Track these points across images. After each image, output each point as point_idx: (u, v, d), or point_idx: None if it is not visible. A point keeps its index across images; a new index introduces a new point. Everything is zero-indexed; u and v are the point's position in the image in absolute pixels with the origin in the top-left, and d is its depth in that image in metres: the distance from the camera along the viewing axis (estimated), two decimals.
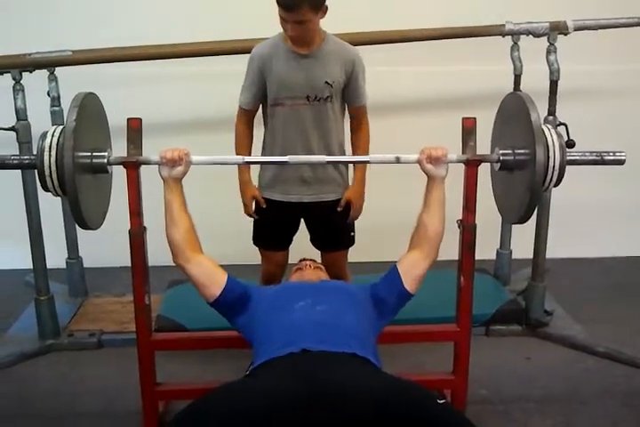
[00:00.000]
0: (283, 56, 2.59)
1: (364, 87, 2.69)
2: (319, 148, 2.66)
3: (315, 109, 2.63)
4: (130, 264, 2.34)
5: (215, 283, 2.23)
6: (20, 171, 2.94)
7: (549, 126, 2.31)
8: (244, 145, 2.73)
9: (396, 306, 2.31)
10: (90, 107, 2.27)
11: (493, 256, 3.70)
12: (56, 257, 3.35)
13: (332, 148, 2.69)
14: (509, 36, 3.16)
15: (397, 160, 2.33)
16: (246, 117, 2.73)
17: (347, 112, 2.76)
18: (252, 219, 2.81)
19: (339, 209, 2.74)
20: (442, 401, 1.74)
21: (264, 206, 2.73)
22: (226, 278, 2.24)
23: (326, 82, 2.59)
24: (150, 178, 2.31)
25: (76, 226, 2.34)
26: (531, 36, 3.11)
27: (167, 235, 2.24)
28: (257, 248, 2.87)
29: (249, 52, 2.69)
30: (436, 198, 2.31)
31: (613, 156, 2.34)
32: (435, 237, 2.31)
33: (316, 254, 2.82)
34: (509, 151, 2.35)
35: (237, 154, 2.68)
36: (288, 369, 1.84)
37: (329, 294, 2.27)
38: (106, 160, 2.29)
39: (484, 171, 2.43)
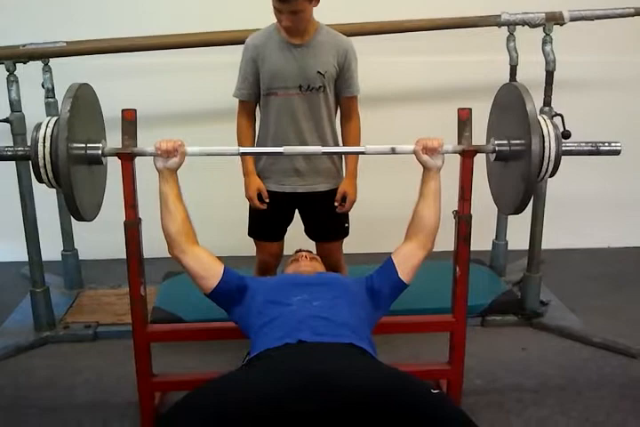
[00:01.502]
0: (276, 46, 2.59)
1: (356, 78, 2.68)
2: (312, 138, 2.66)
3: (307, 99, 2.63)
4: (125, 256, 2.34)
5: (212, 274, 2.23)
6: (14, 163, 2.93)
7: (545, 117, 2.30)
8: (245, 137, 2.72)
9: (391, 296, 2.31)
10: (84, 98, 2.26)
11: (489, 247, 3.71)
12: (51, 249, 3.35)
13: (325, 138, 2.69)
14: (505, 27, 3.15)
15: (393, 151, 2.33)
16: (246, 110, 2.72)
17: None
18: (248, 210, 2.80)
19: (336, 204, 2.73)
20: (436, 391, 1.75)
21: (267, 201, 2.72)
22: (222, 269, 2.24)
23: (318, 72, 2.59)
24: (145, 169, 2.31)
25: (72, 218, 2.33)
26: (527, 26, 3.11)
27: (162, 226, 2.24)
28: (251, 240, 2.87)
29: (244, 42, 2.68)
30: (431, 189, 2.30)
31: (609, 146, 2.34)
32: (430, 228, 2.31)
33: (312, 246, 2.82)
34: (505, 142, 2.34)
35: (240, 146, 2.67)
36: (283, 360, 1.84)
37: (325, 288, 2.26)
38: (100, 151, 2.27)
39: (480, 161, 2.43)
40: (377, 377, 1.75)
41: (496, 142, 2.36)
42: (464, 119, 2.34)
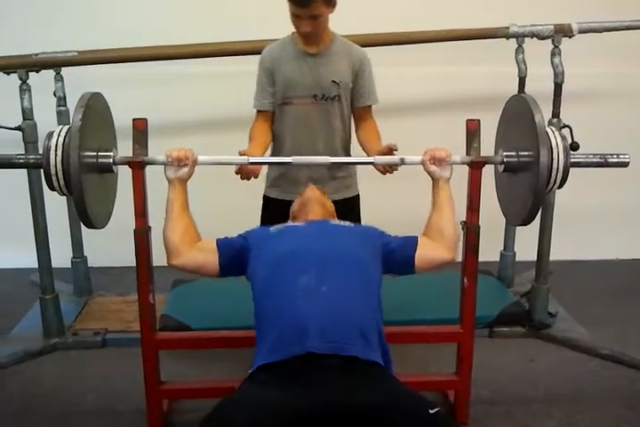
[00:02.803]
0: (291, 56, 2.61)
1: (372, 87, 2.69)
2: (325, 147, 2.66)
3: (322, 109, 2.64)
4: (134, 264, 2.35)
5: (209, 258, 2.19)
6: (26, 170, 2.96)
7: (553, 129, 2.31)
8: (256, 140, 2.62)
9: (394, 266, 2.23)
10: (96, 107, 2.28)
11: (497, 258, 3.70)
12: (61, 256, 3.37)
13: (335, 147, 2.69)
14: (514, 39, 3.16)
15: (402, 162, 2.35)
16: (264, 118, 2.69)
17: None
18: (258, 217, 2.81)
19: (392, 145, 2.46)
20: (434, 411, 1.73)
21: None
22: (215, 246, 2.20)
23: (333, 81, 2.60)
24: (155, 178, 2.32)
25: (82, 225, 2.35)
26: (535, 38, 3.12)
27: (163, 235, 2.23)
28: None
29: (256, 52, 2.71)
30: (443, 200, 2.29)
31: (617, 158, 2.34)
32: (451, 237, 2.28)
33: None
34: (513, 153, 2.35)
35: (249, 147, 2.58)
36: (291, 383, 1.82)
37: (336, 266, 2.07)
38: (111, 160, 2.29)
39: (488, 172, 2.43)
40: (377, 398, 1.76)
41: (504, 154, 2.37)
42: (473, 130, 2.36)
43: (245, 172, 2.50)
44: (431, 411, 1.72)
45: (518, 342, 3.20)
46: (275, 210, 2.76)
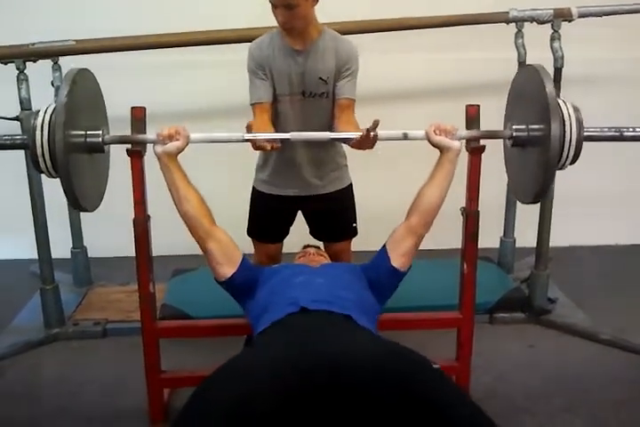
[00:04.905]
0: (279, 52, 2.55)
1: (353, 84, 2.59)
2: (318, 143, 2.63)
3: (311, 105, 2.60)
4: (134, 254, 2.34)
5: (230, 262, 2.21)
6: (25, 162, 2.94)
7: (565, 100, 2.22)
8: (261, 129, 2.49)
9: (389, 284, 2.29)
10: (84, 84, 2.20)
11: (497, 244, 3.71)
12: (61, 247, 3.37)
13: (325, 142, 2.65)
14: (513, 24, 3.15)
15: (405, 137, 2.28)
16: (261, 111, 2.57)
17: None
18: (248, 209, 2.79)
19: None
20: (436, 366, 1.73)
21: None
22: (240, 259, 2.23)
23: (320, 78, 2.55)
24: (155, 167, 2.31)
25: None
26: (535, 23, 3.10)
27: (181, 212, 2.20)
28: (249, 239, 2.83)
29: (253, 40, 2.68)
30: (443, 171, 2.24)
31: (634, 131, 2.26)
32: (428, 209, 2.24)
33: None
34: (523, 127, 2.27)
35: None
36: (284, 338, 1.82)
37: (329, 269, 2.32)
38: (100, 139, 2.23)
39: (488, 157, 2.40)
40: (376, 354, 1.70)
41: (514, 127, 2.29)
42: (472, 116, 2.33)
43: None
44: (434, 366, 1.72)
45: (518, 327, 3.21)
46: (265, 203, 2.77)
